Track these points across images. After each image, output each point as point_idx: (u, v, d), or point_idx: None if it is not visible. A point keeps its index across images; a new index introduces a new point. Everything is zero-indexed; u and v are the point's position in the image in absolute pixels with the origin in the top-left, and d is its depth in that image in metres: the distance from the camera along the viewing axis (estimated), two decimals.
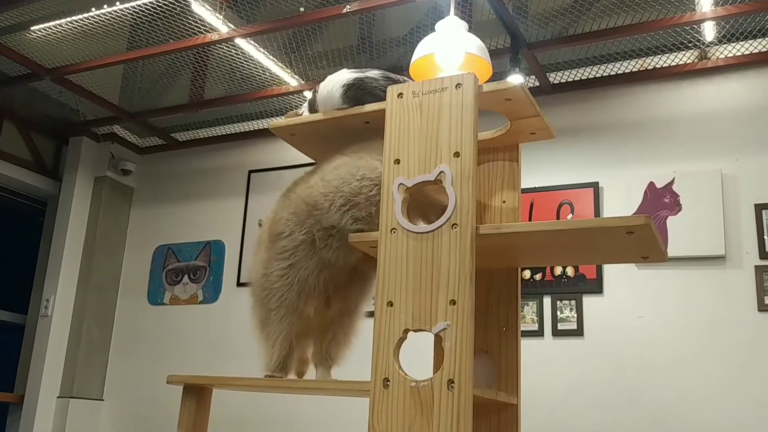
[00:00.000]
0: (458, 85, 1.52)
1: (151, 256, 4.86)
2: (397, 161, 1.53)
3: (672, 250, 3.40)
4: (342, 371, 1.80)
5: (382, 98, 1.61)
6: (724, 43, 3.53)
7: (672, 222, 3.45)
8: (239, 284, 4.50)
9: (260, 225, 1.75)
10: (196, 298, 4.63)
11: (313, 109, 1.73)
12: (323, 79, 1.75)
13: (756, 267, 3.28)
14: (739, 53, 3.54)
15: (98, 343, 4.74)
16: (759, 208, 3.34)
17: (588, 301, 3.57)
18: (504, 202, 1.74)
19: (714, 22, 3.34)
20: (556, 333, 3.58)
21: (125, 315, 4.84)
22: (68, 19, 3.53)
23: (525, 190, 3.63)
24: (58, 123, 4.82)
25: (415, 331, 1.42)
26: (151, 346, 4.67)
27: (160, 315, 4.72)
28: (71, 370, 4.57)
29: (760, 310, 3.24)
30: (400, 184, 1.51)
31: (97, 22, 3.57)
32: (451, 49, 2.47)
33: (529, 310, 3.64)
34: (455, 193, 1.45)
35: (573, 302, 3.58)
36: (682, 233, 3.42)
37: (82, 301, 4.69)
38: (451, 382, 1.34)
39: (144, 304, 4.79)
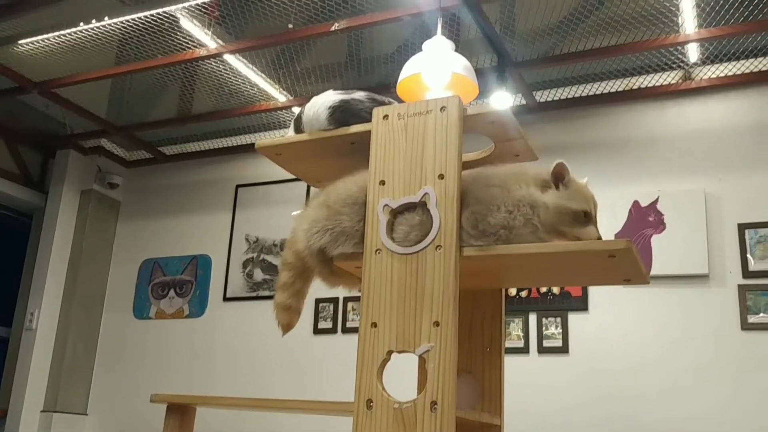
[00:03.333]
0: (443, 108, 1.53)
1: (138, 269, 4.84)
2: (383, 182, 1.54)
3: (656, 269, 3.42)
4: (326, 391, 1.81)
5: (368, 120, 1.62)
6: (708, 64, 3.58)
7: (656, 240, 3.48)
8: (225, 299, 4.49)
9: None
10: (182, 313, 4.61)
11: (298, 129, 1.74)
12: (311, 95, 1.77)
13: (739, 286, 3.31)
14: (722, 74, 3.59)
15: (83, 357, 4.71)
16: (742, 227, 3.37)
17: (573, 318, 3.59)
18: None
19: (698, 44, 3.39)
20: (542, 350, 3.59)
21: (110, 329, 4.82)
22: (56, 33, 3.54)
23: None
24: (45, 136, 4.81)
25: (399, 352, 1.43)
26: (136, 360, 4.65)
27: (145, 329, 4.69)
28: (55, 384, 4.54)
29: (743, 328, 3.26)
30: (385, 205, 1.52)
31: (85, 37, 3.57)
32: (437, 69, 2.50)
33: (515, 327, 3.65)
34: (439, 215, 1.46)
35: (558, 319, 3.59)
36: (666, 252, 3.45)
37: (67, 314, 4.66)
38: (434, 403, 1.34)
39: (129, 317, 4.77)
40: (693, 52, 3.49)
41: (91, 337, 4.78)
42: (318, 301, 4.16)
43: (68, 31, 3.51)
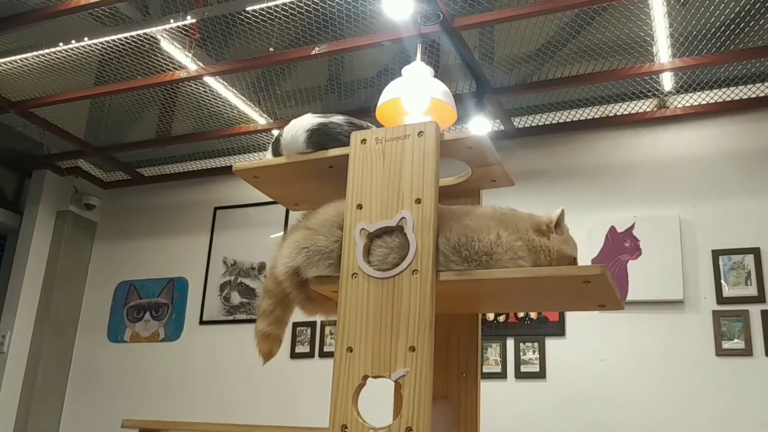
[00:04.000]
0: (420, 133, 1.54)
1: (113, 292, 4.78)
2: (360, 206, 1.54)
3: (632, 294, 3.45)
4: (303, 416, 1.79)
5: (346, 143, 1.62)
6: (682, 93, 3.64)
7: (632, 266, 3.51)
8: (202, 322, 4.44)
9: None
10: (157, 336, 4.55)
11: (276, 152, 1.74)
12: (291, 118, 1.77)
13: (713, 312, 3.34)
14: (696, 103, 3.65)
15: (55, 381, 4.62)
16: (716, 253, 3.41)
17: (550, 343, 3.59)
18: None
19: (672, 73, 3.46)
20: (519, 375, 3.59)
21: (84, 352, 4.74)
22: (35, 53, 3.52)
23: None
24: (22, 156, 4.77)
25: (375, 377, 1.42)
26: (110, 384, 4.57)
27: (120, 353, 4.63)
28: (26, 408, 4.45)
29: (717, 354, 3.29)
30: (362, 229, 1.52)
31: (64, 57, 3.56)
32: (416, 94, 2.51)
33: (492, 352, 3.65)
34: (416, 239, 1.46)
35: (536, 344, 3.60)
36: (642, 277, 3.47)
37: (39, 337, 4.59)
38: (409, 429, 1.33)
39: (104, 341, 4.70)
40: (667, 81, 3.55)
41: (63, 360, 4.70)
42: (295, 325, 4.13)
43: (47, 51, 3.50)
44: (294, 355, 4.09)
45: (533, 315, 3.65)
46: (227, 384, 4.23)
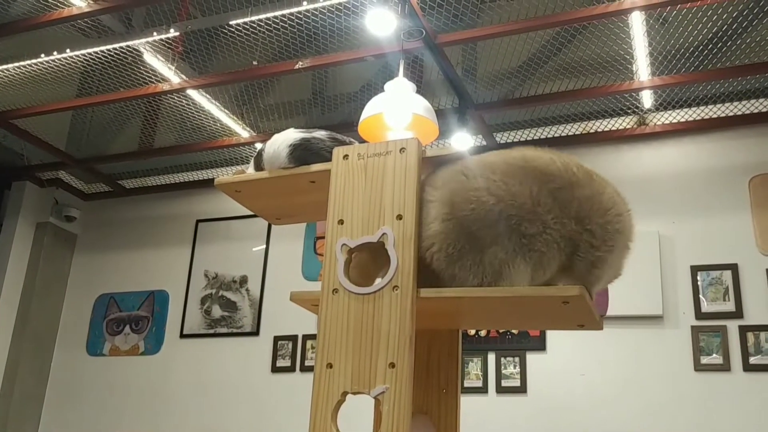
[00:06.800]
0: (402, 149, 1.55)
1: (92, 305, 4.73)
2: (341, 222, 1.54)
3: (613, 309, 3.47)
4: (283, 431, 1.78)
5: (328, 159, 1.63)
6: (661, 111, 3.69)
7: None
8: (182, 335, 4.41)
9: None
10: (137, 349, 4.51)
11: (259, 166, 1.74)
12: (275, 131, 1.77)
13: (692, 327, 3.37)
14: (675, 120, 3.70)
15: (32, 395, 4.56)
16: (694, 269, 3.45)
17: (531, 358, 3.60)
18: None
19: (652, 91, 3.50)
20: (500, 390, 3.59)
21: (62, 366, 4.68)
22: (17, 64, 3.50)
23: None
24: (2, 167, 4.72)
25: (354, 393, 1.42)
26: (88, 398, 4.52)
27: (99, 366, 4.58)
28: (2, 423, 4.38)
29: (696, 369, 3.32)
30: (343, 244, 1.53)
31: (46, 68, 3.54)
32: (399, 110, 2.53)
33: (473, 367, 3.65)
34: (397, 255, 1.46)
35: (517, 359, 3.61)
36: (622, 292, 3.50)
37: (17, 350, 4.52)
38: None
39: (82, 354, 4.64)
40: (647, 99, 3.60)
41: (41, 373, 4.64)
42: (276, 338, 4.11)
43: (29, 62, 3.48)
44: (275, 369, 4.07)
45: (514, 330, 3.66)
46: (208, 398, 4.19)
